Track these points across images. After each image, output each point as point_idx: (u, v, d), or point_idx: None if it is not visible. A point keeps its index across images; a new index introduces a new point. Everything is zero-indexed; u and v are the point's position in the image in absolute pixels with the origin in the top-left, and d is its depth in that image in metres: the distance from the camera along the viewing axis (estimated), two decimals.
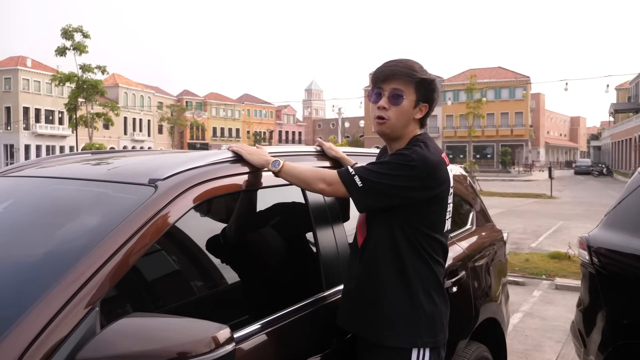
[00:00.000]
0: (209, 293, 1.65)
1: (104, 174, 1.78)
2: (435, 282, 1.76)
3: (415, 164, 1.65)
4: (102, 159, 2.14)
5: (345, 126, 71.13)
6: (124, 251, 1.28)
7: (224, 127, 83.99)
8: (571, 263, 8.24)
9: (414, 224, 1.71)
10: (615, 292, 2.76)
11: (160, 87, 78.92)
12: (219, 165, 1.69)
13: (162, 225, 1.40)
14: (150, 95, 71.27)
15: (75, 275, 1.20)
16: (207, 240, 1.65)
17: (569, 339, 5.13)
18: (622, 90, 69.22)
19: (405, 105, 1.75)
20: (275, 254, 1.89)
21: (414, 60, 1.81)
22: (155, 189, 1.48)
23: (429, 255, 1.74)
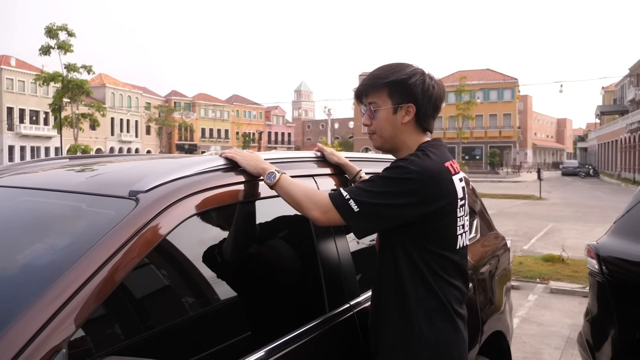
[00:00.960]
0: (197, 324, 1.44)
1: (79, 184, 1.56)
2: (442, 308, 1.57)
3: (413, 176, 1.48)
4: (81, 165, 1.92)
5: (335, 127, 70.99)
6: (96, 282, 1.09)
7: (213, 128, 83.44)
8: (565, 266, 8.18)
9: (420, 242, 1.55)
10: (628, 304, 2.63)
11: (148, 88, 78.25)
12: (210, 174, 1.50)
13: (144, 247, 1.21)
14: (138, 95, 70.56)
15: (33, 315, 1.00)
16: (197, 260, 1.45)
17: (568, 345, 5.06)
18: (608, 92, 69.96)
19: (382, 116, 1.62)
20: (274, 274, 1.70)
21: (390, 63, 1.66)
22: (136, 202, 1.29)
23: (439, 277, 1.56)
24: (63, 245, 1.24)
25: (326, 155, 1.98)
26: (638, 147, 39.71)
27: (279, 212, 1.73)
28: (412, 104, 1.61)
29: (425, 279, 1.54)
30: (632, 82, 52.42)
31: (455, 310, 1.58)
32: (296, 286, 1.75)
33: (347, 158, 2.01)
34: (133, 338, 1.24)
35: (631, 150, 42.89)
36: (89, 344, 1.12)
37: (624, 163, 45.81)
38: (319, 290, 1.68)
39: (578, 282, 7.25)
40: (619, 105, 58.38)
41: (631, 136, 41.94)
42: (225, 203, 1.50)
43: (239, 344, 1.42)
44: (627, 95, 54.21)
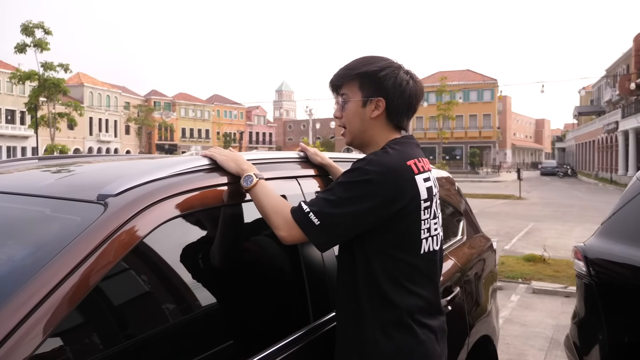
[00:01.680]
0: (173, 335, 1.31)
1: (43, 187, 1.43)
2: (399, 318, 1.44)
3: (370, 177, 1.38)
4: (49, 167, 1.79)
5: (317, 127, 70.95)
6: (58, 295, 0.98)
7: (194, 128, 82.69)
8: (546, 266, 8.23)
9: (380, 246, 1.44)
10: (616, 306, 2.60)
11: (128, 87, 77.22)
12: (187, 175, 1.39)
13: (113, 256, 1.10)
14: (117, 95, 69.53)
15: None
16: (174, 268, 1.33)
17: (551, 346, 5.05)
18: (584, 93, 71.18)
19: (351, 108, 1.55)
20: (255, 281, 1.59)
21: (365, 56, 1.59)
22: (104, 207, 1.18)
23: (398, 285, 1.44)
24: (22, 256, 1.12)
25: (309, 156, 1.88)
26: (615, 148, 40.46)
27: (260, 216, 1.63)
28: (381, 98, 1.53)
29: (380, 288, 1.43)
30: (608, 83, 53.41)
31: (417, 320, 1.45)
32: (279, 294, 1.64)
33: (331, 158, 1.92)
34: (102, 351, 1.13)
35: (608, 151, 43.69)
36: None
37: (601, 163, 46.66)
38: (303, 298, 1.59)
39: (559, 282, 7.29)
40: (596, 106, 59.45)
41: (608, 136, 42.72)
42: (204, 207, 1.38)
43: (218, 357, 1.32)
44: (603, 97, 55.23)
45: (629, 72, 45.32)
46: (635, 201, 2.71)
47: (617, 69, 50.24)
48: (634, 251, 2.54)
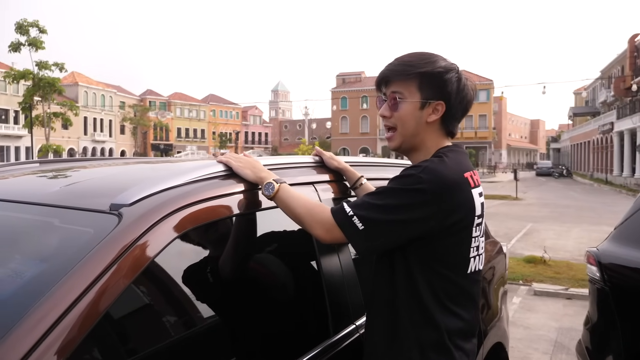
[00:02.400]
0: (190, 354, 1.23)
1: (50, 194, 1.33)
2: (440, 340, 1.35)
3: (424, 186, 1.27)
4: (52, 172, 1.70)
5: (313, 127, 70.94)
6: (73, 316, 0.89)
7: (189, 128, 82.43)
8: (547, 267, 8.20)
9: (426, 261, 1.34)
10: (632, 313, 2.55)
11: (123, 87, 76.82)
12: (203, 182, 1.31)
13: (130, 271, 1.02)
14: (111, 94, 69.20)
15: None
16: (190, 283, 1.26)
17: (556, 350, 5.00)
18: (579, 94, 71.49)
19: (407, 109, 1.40)
20: (275, 294, 1.52)
21: (421, 52, 1.46)
22: (119, 218, 1.10)
23: (441, 304, 1.34)
24: (31, 272, 1.04)
25: (325, 160, 1.81)
26: (610, 148, 40.60)
27: (278, 225, 1.55)
28: (442, 102, 1.41)
29: (423, 304, 1.34)
30: (603, 84, 53.62)
31: (455, 343, 1.36)
32: (299, 308, 1.57)
33: (347, 162, 1.85)
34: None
35: (603, 151, 43.85)
36: None
37: (596, 163, 46.83)
38: (323, 311, 1.51)
39: (560, 284, 7.26)
40: (591, 107, 59.69)
41: (603, 137, 42.87)
42: (221, 216, 1.31)
43: None
44: (598, 97, 55.44)
45: (623, 74, 45.53)
46: None
47: (612, 71, 50.46)
48: None
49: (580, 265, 8.50)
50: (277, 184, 1.39)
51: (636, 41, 42.89)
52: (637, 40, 42.82)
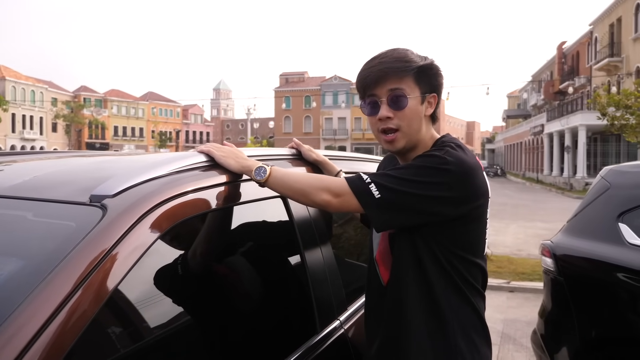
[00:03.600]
0: (179, 354, 1.17)
1: (13, 187, 1.19)
2: (477, 321, 1.38)
3: (450, 167, 1.26)
4: (10, 163, 1.54)
5: (255, 127, 70.26)
6: (61, 319, 0.80)
7: (127, 126, 79.52)
8: (489, 262, 8.50)
9: (448, 245, 1.33)
10: (586, 301, 2.66)
11: (54, 82, 73.05)
12: (188, 173, 1.23)
13: (120, 269, 0.93)
14: (42, 90, 65.56)
15: None
16: (174, 279, 1.18)
17: (503, 341, 5.19)
18: (512, 97, 74.99)
19: (412, 106, 1.37)
20: (260, 290, 1.46)
21: (401, 48, 1.44)
22: (103, 210, 1.00)
23: (470, 285, 1.36)
24: (8, 271, 0.91)
25: (303, 152, 1.76)
26: (540, 149, 42.81)
27: (262, 217, 1.50)
28: (435, 94, 1.43)
29: (458, 286, 1.34)
30: (534, 88, 56.49)
31: (485, 322, 1.41)
32: (286, 304, 1.52)
33: (325, 156, 1.82)
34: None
35: (534, 152, 46.18)
36: None
37: (528, 163, 49.26)
38: (310, 307, 1.47)
39: (502, 278, 7.55)
40: (523, 110, 62.74)
41: (534, 139, 45.14)
42: (210, 209, 1.24)
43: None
44: (529, 101, 58.35)
45: (552, 78, 48.16)
46: (600, 199, 2.80)
47: (542, 75, 53.24)
48: (600, 247, 2.62)
49: (519, 259, 8.90)
50: (268, 167, 1.34)
51: (564, 48, 45.50)
52: (564, 47, 45.42)
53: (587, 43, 39.78)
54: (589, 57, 39.31)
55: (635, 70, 30.46)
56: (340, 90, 68.37)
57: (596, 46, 37.03)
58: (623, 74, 31.90)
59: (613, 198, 2.73)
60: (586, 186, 27.71)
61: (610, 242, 2.58)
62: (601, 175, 2.93)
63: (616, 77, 32.70)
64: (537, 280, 7.15)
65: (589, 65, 38.66)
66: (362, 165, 2.05)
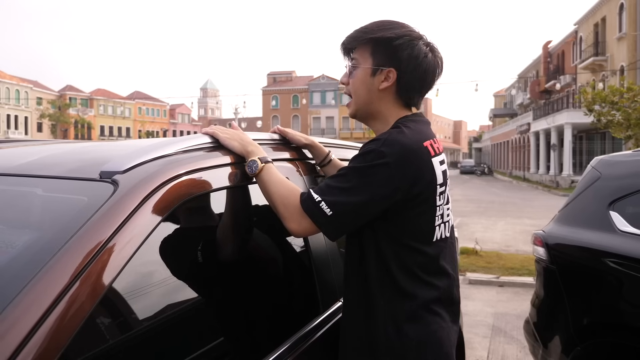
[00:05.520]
0: (184, 333, 1.17)
1: (23, 165, 1.20)
2: (413, 311, 1.35)
3: (387, 159, 1.25)
4: (17, 146, 1.53)
5: (243, 126, 70.10)
6: (74, 291, 0.80)
7: (113, 126, 78.87)
8: (479, 258, 8.61)
9: (392, 233, 1.33)
10: (579, 289, 2.70)
11: (40, 82, 72.20)
12: (194, 153, 1.25)
13: (134, 239, 0.94)
14: (27, 89, 64.82)
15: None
16: (179, 258, 1.19)
17: (494, 333, 5.25)
18: (499, 96, 75.61)
19: (359, 75, 1.40)
20: (269, 269, 1.47)
21: (383, 20, 1.44)
22: (114, 185, 1.01)
23: (412, 275, 1.34)
24: (24, 242, 0.93)
25: (291, 137, 1.69)
26: (527, 147, 43.22)
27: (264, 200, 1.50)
28: (392, 69, 1.38)
29: (393, 278, 1.33)
30: (520, 87, 57.01)
31: (431, 310, 1.36)
32: (291, 283, 1.53)
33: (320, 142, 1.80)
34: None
35: (521, 150, 46.62)
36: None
37: (515, 162, 49.71)
38: (313, 287, 1.48)
39: (492, 273, 7.64)
40: (509, 109, 63.27)
41: (521, 137, 45.57)
42: (215, 188, 1.24)
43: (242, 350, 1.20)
44: (516, 100, 58.87)
45: (538, 77, 48.65)
46: (591, 189, 2.85)
47: (528, 74, 53.75)
48: (592, 235, 2.66)
49: (508, 255, 9.01)
50: (262, 163, 1.33)
51: (549, 47, 45.99)
52: (550, 46, 45.91)
53: (572, 42, 40.25)
54: (574, 56, 39.78)
55: (619, 68, 30.89)
56: (328, 89, 68.46)
57: (581, 45, 37.49)
58: (608, 72, 32.34)
59: (604, 187, 2.77)
60: (572, 184, 28.06)
61: (601, 230, 2.63)
62: (592, 165, 2.98)
63: (601, 75, 33.13)
64: (526, 275, 7.24)
65: (574, 64, 39.13)
66: (345, 151, 2.03)
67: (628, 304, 2.49)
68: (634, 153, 2.88)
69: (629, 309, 2.47)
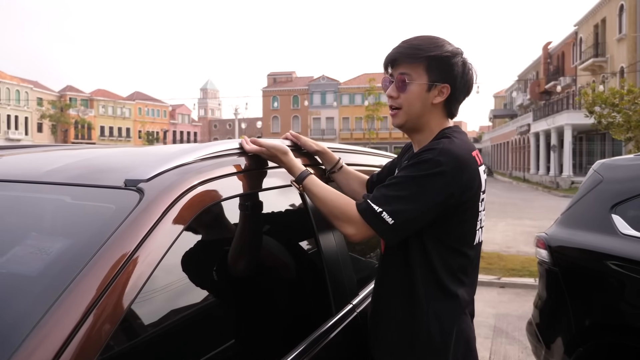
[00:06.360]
0: (205, 336, 1.19)
1: (49, 172, 1.23)
2: (453, 309, 1.45)
3: (444, 168, 1.34)
4: (39, 152, 1.56)
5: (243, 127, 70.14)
6: (114, 293, 0.84)
7: (113, 126, 78.86)
8: (480, 260, 8.65)
9: (440, 237, 1.42)
10: (581, 291, 2.74)
11: (40, 82, 72.23)
12: (214, 160, 1.29)
13: (161, 246, 0.97)
14: (27, 90, 64.82)
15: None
16: (202, 263, 1.22)
17: (495, 334, 5.29)
18: (499, 97, 75.67)
19: (414, 90, 1.47)
20: (284, 273, 1.51)
21: (429, 36, 1.51)
22: (140, 193, 1.05)
23: (454, 277, 1.45)
24: (58, 248, 0.96)
25: (303, 143, 1.78)
26: (527, 148, 43.25)
27: (281, 204, 1.56)
28: (447, 85, 1.48)
29: (439, 280, 1.43)
30: (520, 88, 57.06)
31: (464, 310, 1.49)
32: (305, 287, 1.57)
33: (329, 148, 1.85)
34: None
35: (521, 151, 46.64)
36: None
37: (515, 163, 49.74)
38: (325, 290, 1.53)
39: (493, 274, 7.67)
40: (509, 110, 63.32)
41: (521, 138, 45.60)
42: (235, 194, 1.29)
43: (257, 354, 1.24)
44: (516, 101, 58.92)
45: (538, 78, 48.70)
46: (593, 192, 2.89)
47: (528, 75, 53.80)
48: (594, 237, 2.70)
49: (509, 256, 9.04)
50: (308, 173, 1.45)
51: (549, 48, 46.03)
52: (550, 47, 45.95)
53: (572, 43, 40.30)
54: (574, 57, 39.83)
55: (619, 70, 30.94)
56: (328, 90, 68.46)
57: (581, 46, 37.54)
58: (608, 73, 32.39)
59: (606, 190, 2.82)
60: (572, 185, 28.10)
61: (603, 233, 2.67)
62: (594, 169, 3.02)
63: (601, 77, 33.18)
64: (527, 276, 7.27)
65: (574, 66, 39.17)
66: (362, 157, 2.08)
67: (629, 306, 2.53)
68: (635, 157, 2.92)
69: (631, 310, 2.52)
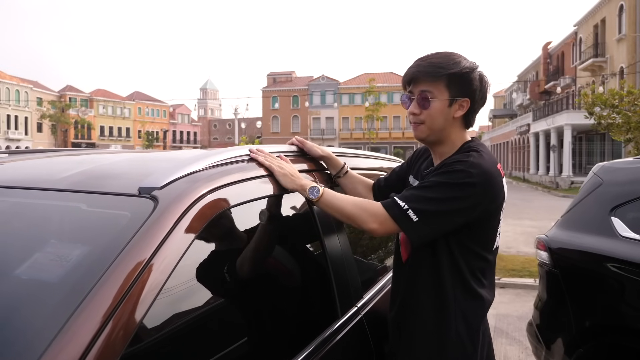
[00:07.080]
0: (218, 340, 1.23)
1: (60, 180, 1.25)
2: (477, 309, 1.54)
3: (475, 180, 1.43)
4: (51, 157, 1.59)
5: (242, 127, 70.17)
6: (132, 299, 0.87)
7: (113, 126, 78.86)
8: None
9: (465, 242, 1.50)
10: (581, 292, 2.77)
11: (40, 82, 72.21)
12: (226, 167, 1.32)
13: (175, 252, 1.00)
14: (27, 90, 64.80)
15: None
16: (213, 268, 1.25)
17: (495, 334, 5.30)
18: (498, 97, 75.72)
19: (437, 107, 1.53)
20: (291, 276, 1.54)
21: (446, 52, 1.58)
22: (154, 201, 1.07)
23: (477, 279, 1.53)
24: (77, 255, 0.98)
25: (308, 149, 1.83)
26: (526, 148, 43.27)
27: (287, 209, 1.58)
28: (467, 99, 1.54)
29: (466, 282, 1.51)
30: (520, 88, 57.09)
31: (487, 310, 1.58)
32: (311, 290, 1.61)
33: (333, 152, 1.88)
34: None
35: (520, 151, 46.67)
36: None
37: (515, 163, 49.77)
38: (331, 293, 1.56)
39: None
40: (509, 110, 63.35)
41: (520, 138, 45.62)
42: (246, 200, 1.32)
43: None
44: (515, 101, 58.96)
45: (538, 78, 48.73)
46: (593, 194, 2.92)
47: (528, 75, 53.83)
48: (594, 240, 2.74)
49: (509, 256, 9.06)
50: (321, 187, 1.50)
51: (549, 48, 46.06)
52: (550, 47, 45.98)
53: (572, 43, 40.32)
54: (573, 58, 39.85)
55: (619, 70, 30.97)
56: (328, 90, 68.45)
57: (581, 47, 37.56)
58: (607, 74, 32.41)
59: (605, 193, 2.85)
60: (572, 185, 28.12)
61: (603, 235, 2.70)
62: (594, 172, 3.05)
63: (601, 77, 33.20)
64: (527, 277, 7.30)
65: (574, 66, 39.20)
66: (369, 161, 2.11)
67: (629, 307, 2.56)
68: (635, 160, 2.96)
69: (630, 311, 2.55)
